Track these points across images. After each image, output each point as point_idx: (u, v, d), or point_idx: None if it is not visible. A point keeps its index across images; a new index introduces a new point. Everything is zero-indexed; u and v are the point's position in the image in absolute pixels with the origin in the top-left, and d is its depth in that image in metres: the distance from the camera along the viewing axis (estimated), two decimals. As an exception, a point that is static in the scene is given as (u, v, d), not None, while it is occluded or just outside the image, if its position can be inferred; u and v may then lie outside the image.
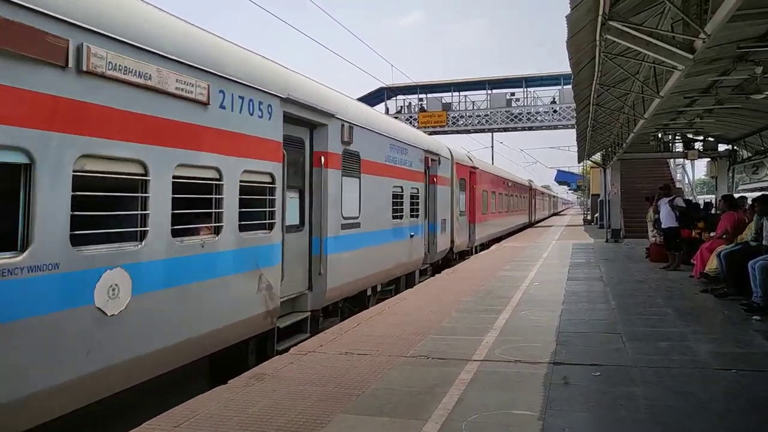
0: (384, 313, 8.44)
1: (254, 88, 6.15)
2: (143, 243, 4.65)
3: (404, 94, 44.06)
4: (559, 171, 67.46)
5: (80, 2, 4.21)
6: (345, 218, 8.67)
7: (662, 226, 13.96)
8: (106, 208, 4.47)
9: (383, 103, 43.67)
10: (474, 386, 4.97)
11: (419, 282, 12.70)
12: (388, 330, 7.28)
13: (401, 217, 11.51)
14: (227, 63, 5.82)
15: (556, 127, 40.88)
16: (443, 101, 43.18)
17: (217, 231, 5.57)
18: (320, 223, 7.91)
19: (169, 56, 4.93)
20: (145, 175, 4.69)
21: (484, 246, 22.05)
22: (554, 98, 40.36)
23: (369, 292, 10.12)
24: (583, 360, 5.73)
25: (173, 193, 4.98)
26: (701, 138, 22.37)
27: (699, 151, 22.40)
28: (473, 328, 7.30)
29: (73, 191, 4.04)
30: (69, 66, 3.98)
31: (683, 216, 13.53)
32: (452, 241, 16.19)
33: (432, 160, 13.98)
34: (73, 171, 4.06)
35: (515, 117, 41.11)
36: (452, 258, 16.69)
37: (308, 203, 7.82)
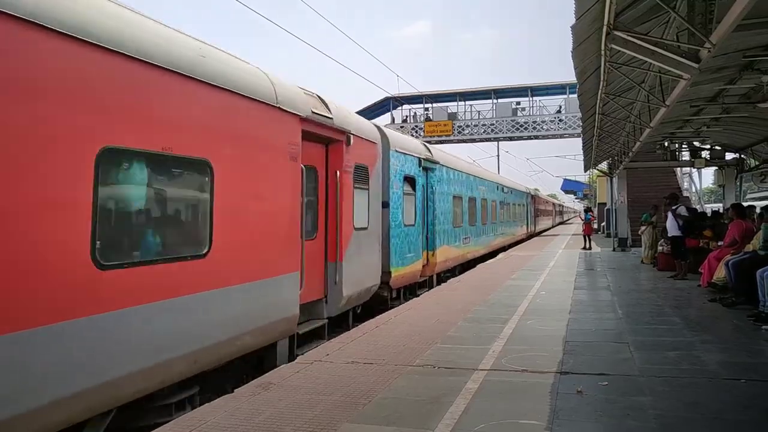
0: (390, 323, 8.42)
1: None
2: None
3: (410, 104, 44.27)
4: (565, 180, 67.51)
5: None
6: None
7: (667, 235, 14.06)
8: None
9: (389, 112, 43.89)
10: (481, 396, 4.96)
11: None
12: (395, 339, 7.27)
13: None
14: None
15: (562, 136, 40.98)
16: (449, 111, 43.34)
17: None
18: None
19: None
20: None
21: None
22: (560, 107, 40.38)
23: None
24: (590, 369, 5.69)
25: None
26: (708, 147, 22.30)
27: (706, 159, 22.32)
28: (480, 337, 7.28)
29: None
30: None
31: (687, 225, 13.51)
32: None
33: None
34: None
35: (521, 126, 41.22)
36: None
37: None
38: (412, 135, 35.44)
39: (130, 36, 4.63)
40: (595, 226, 37.11)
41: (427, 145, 14.45)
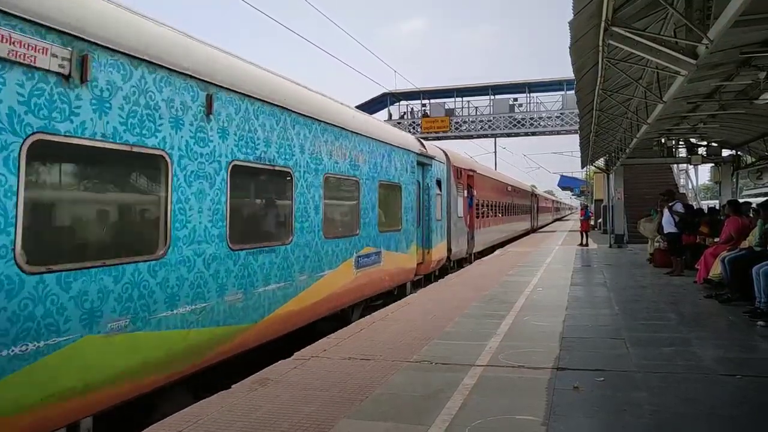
0: (387, 319, 8.43)
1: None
2: None
3: (407, 100, 44.16)
4: (562, 176, 67.66)
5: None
6: None
7: (664, 232, 14.10)
8: None
9: (386, 108, 43.81)
10: (477, 391, 4.97)
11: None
12: (392, 335, 7.28)
13: None
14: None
15: (558, 133, 40.91)
16: (446, 107, 43.24)
17: None
18: None
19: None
20: None
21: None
22: (562, 103, 40.23)
23: None
24: (587, 365, 5.71)
25: None
26: (705, 143, 22.35)
27: (702, 156, 22.39)
28: (477, 333, 7.29)
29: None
30: None
31: (682, 221, 13.55)
32: None
33: None
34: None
35: (518, 122, 41.15)
36: None
37: None
38: (410, 131, 35.33)
39: None
40: (592, 222, 37.10)
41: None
